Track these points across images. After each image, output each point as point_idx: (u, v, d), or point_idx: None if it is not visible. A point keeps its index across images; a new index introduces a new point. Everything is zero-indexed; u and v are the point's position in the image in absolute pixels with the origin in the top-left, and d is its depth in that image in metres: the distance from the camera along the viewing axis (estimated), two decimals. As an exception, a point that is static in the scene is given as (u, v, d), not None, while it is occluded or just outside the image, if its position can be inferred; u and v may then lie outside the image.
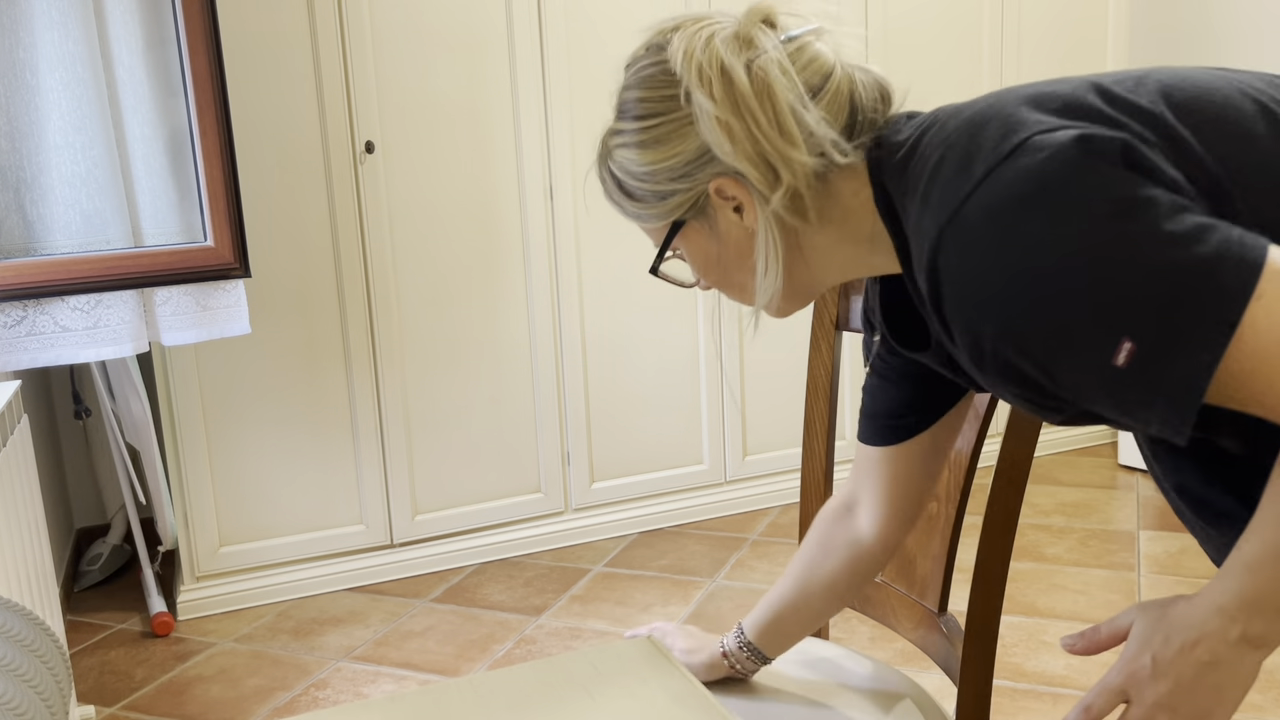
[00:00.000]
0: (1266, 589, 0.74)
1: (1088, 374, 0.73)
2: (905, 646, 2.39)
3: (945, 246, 0.76)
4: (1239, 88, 0.80)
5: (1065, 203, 0.71)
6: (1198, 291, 0.69)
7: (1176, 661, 0.78)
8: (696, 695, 0.96)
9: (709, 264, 0.94)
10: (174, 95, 2.33)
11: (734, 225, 0.90)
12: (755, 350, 3.27)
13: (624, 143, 0.91)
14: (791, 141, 0.84)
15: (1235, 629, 0.76)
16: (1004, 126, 0.77)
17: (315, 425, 2.83)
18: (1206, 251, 0.70)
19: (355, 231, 2.78)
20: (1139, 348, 0.70)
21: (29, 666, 0.92)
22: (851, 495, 1.17)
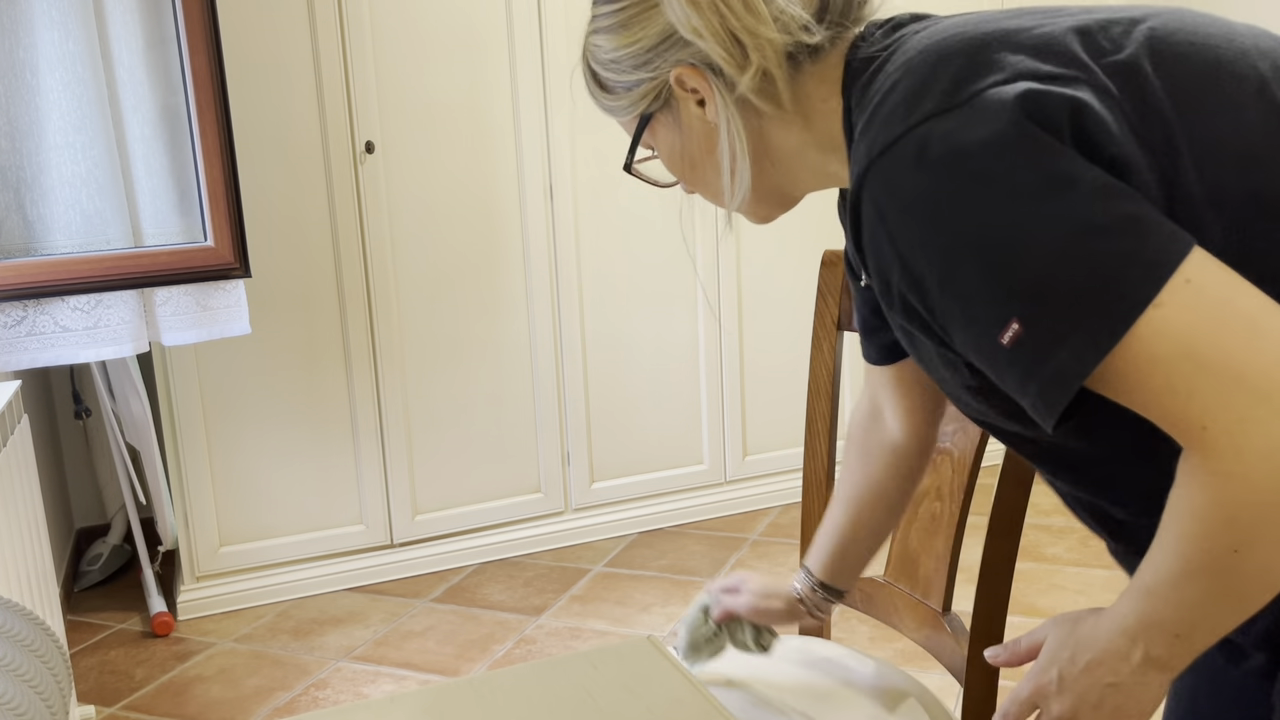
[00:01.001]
0: (1164, 613, 0.73)
1: (976, 342, 0.72)
2: (906, 646, 2.39)
3: (871, 178, 0.75)
4: (1247, 51, 0.76)
5: (994, 169, 0.70)
6: (1096, 290, 0.68)
7: (1081, 679, 0.78)
8: (696, 695, 0.96)
9: (677, 160, 0.92)
10: (174, 95, 2.33)
11: (696, 119, 0.88)
12: (755, 350, 3.27)
13: (596, 28, 0.90)
14: (759, 17, 0.82)
15: (1137, 651, 0.75)
16: (964, 68, 0.74)
17: (315, 425, 2.83)
18: (1118, 248, 0.68)
19: (355, 231, 2.78)
20: (1025, 331, 0.69)
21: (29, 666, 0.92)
22: (874, 403, 1.15)
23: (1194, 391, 0.67)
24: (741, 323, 3.24)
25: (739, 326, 3.24)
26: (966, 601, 2.52)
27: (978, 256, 0.70)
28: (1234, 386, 0.66)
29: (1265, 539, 0.67)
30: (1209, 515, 0.68)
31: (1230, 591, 0.70)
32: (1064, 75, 0.73)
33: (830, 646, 1.37)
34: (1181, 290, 0.67)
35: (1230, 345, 0.66)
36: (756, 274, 3.23)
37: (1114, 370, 0.69)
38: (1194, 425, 0.67)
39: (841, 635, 2.47)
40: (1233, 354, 0.66)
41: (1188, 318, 0.67)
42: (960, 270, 0.71)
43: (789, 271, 3.27)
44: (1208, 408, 0.66)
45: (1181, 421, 0.68)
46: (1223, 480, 0.67)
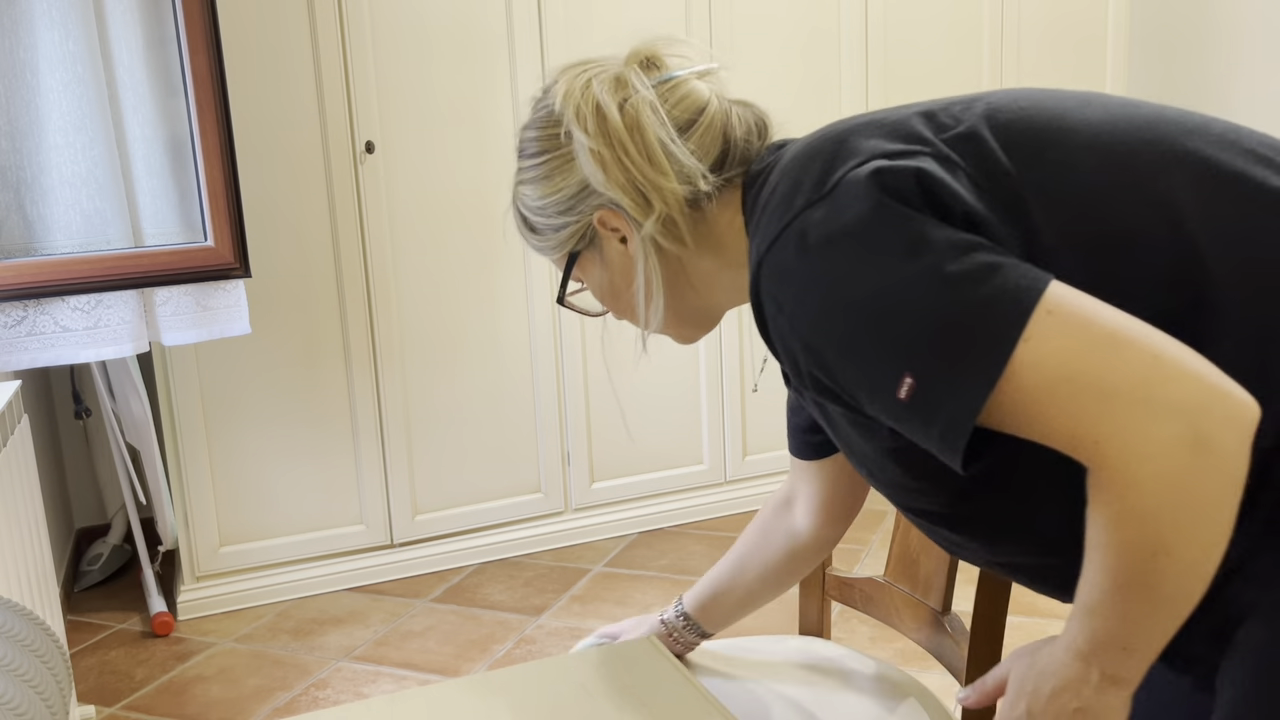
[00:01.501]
0: (1109, 629, 0.76)
1: (881, 402, 0.79)
2: (906, 646, 2.39)
3: (764, 273, 0.83)
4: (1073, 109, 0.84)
5: (862, 246, 0.77)
6: (969, 334, 0.74)
7: (1048, 709, 0.81)
8: (696, 695, 0.96)
9: (604, 291, 1.01)
10: (174, 95, 2.33)
11: (619, 254, 0.97)
12: (755, 350, 3.27)
13: (522, 179, 0.99)
14: (660, 171, 0.91)
15: (1094, 672, 0.78)
16: (829, 159, 0.83)
17: (315, 425, 2.83)
18: (981, 294, 0.74)
19: (355, 231, 2.78)
20: (917, 384, 0.76)
21: (29, 666, 0.92)
22: (790, 491, 1.22)
23: (1079, 411, 0.72)
24: (741, 321, 3.24)
25: (739, 325, 3.24)
26: (966, 602, 2.52)
27: (863, 325, 0.77)
28: (1112, 400, 0.71)
29: (1180, 539, 0.71)
30: (1122, 526, 0.72)
31: (1161, 595, 0.73)
32: (908, 150, 0.81)
33: (830, 646, 1.37)
34: (1045, 321, 0.73)
35: (1099, 363, 0.72)
36: (756, 274, 3.23)
37: (1003, 405, 0.74)
38: (1087, 442, 0.72)
39: (841, 635, 2.47)
40: (1103, 371, 0.71)
41: (1056, 345, 0.73)
42: (852, 340, 0.78)
43: (789, 271, 3.27)
44: (1095, 423, 0.71)
45: (1075, 441, 0.73)
46: (1126, 490, 0.71)
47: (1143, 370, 0.71)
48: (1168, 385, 0.70)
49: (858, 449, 0.92)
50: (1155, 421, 0.70)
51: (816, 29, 3.20)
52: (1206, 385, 0.70)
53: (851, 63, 3.24)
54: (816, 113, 3.23)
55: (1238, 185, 0.80)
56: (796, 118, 3.21)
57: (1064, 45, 3.54)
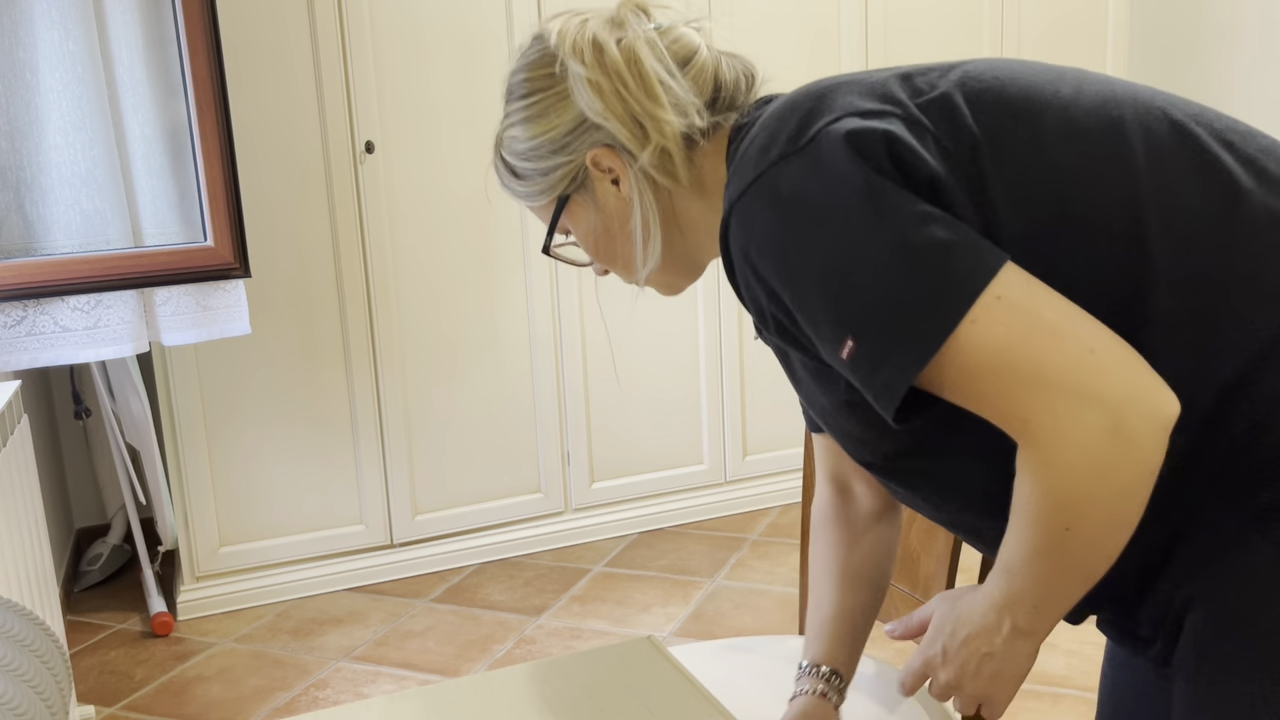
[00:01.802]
0: (1023, 589, 0.82)
1: (828, 354, 0.82)
2: (906, 646, 2.39)
3: (734, 220, 0.85)
4: (1048, 81, 0.85)
5: (828, 206, 0.79)
6: (913, 307, 0.77)
7: (961, 651, 0.88)
8: (696, 695, 0.96)
9: (594, 238, 1.00)
10: (174, 95, 2.33)
11: (612, 196, 0.97)
12: (755, 350, 3.27)
13: (511, 122, 0.98)
14: (657, 102, 0.92)
15: (1005, 623, 0.85)
16: (807, 114, 0.85)
17: (315, 425, 2.83)
18: (933, 269, 0.76)
19: (355, 231, 2.78)
20: (858, 347, 0.79)
21: (29, 666, 0.92)
22: (838, 480, 1.15)
23: (1012, 393, 0.76)
24: (741, 322, 3.24)
25: (739, 326, 3.24)
26: (966, 601, 2.52)
27: (817, 283, 0.80)
28: (1045, 387, 0.75)
29: (1090, 519, 0.77)
30: (1042, 501, 0.77)
31: (1070, 565, 0.80)
32: (880, 111, 0.83)
33: (830, 647, 1.37)
34: (992, 306, 0.76)
35: (1038, 352, 0.75)
36: (756, 274, 3.23)
37: (939, 378, 0.78)
38: (1018, 420, 0.76)
39: (841, 635, 2.46)
40: (1040, 360, 0.75)
41: (999, 330, 0.76)
42: (807, 296, 0.81)
43: (789, 271, 3.27)
44: (1026, 405, 0.76)
45: (1007, 418, 0.77)
46: (1047, 468, 0.76)
47: (1077, 362, 0.74)
48: (1098, 377, 0.74)
49: (816, 399, 0.94)
50: (1081, 410, 0.74)
51: (816, 29, 3.20)
52: (1134, 381, 0.74)
53: (851, 63, 3.24)
54: (816, 113, 3.23)
55: (1188, 154, 0.82)
56: (796, 118, 3.21)
57: (1064, 45, 3.54)
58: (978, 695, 0.89)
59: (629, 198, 0.96)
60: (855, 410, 0.89)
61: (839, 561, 1.14)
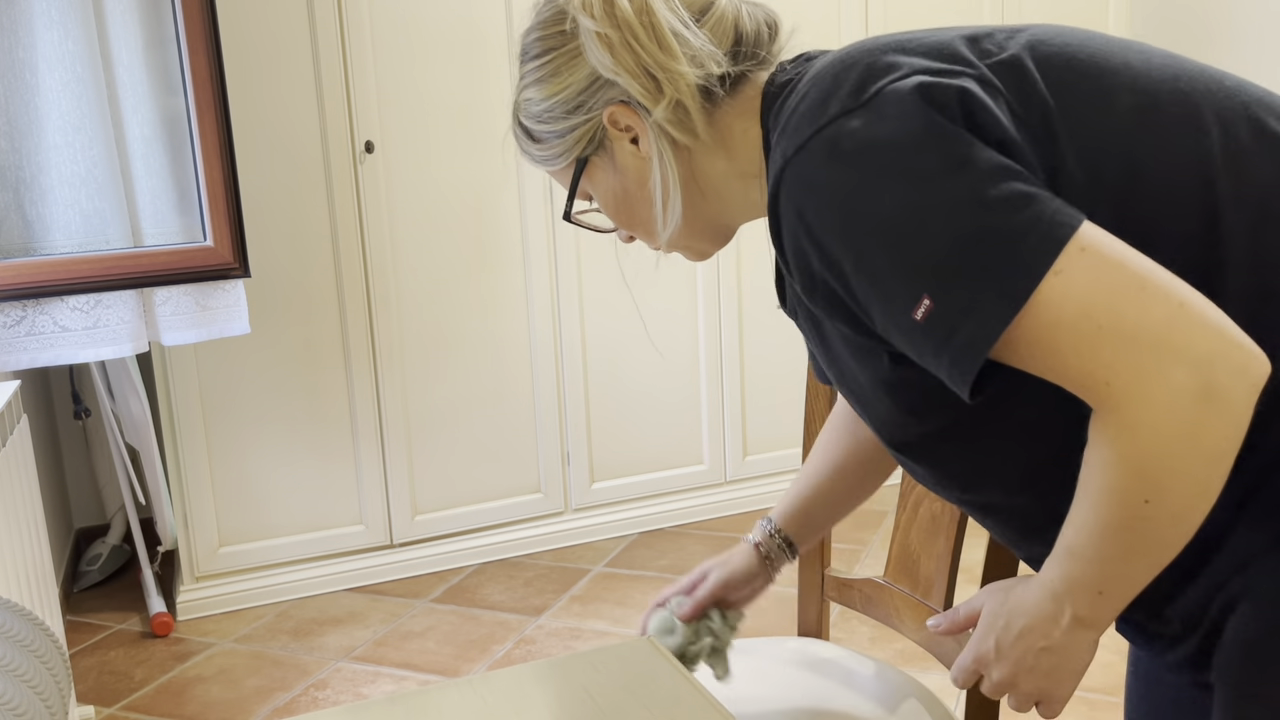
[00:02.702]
0: (1087, 572, 0.78)
1: (892, 319, 0.77)
2: (906, 646, 2.39)
3: (787, 178, 0.81)
4: (1117, 51, 0.83)
5: (899, 158, 0.76)
6: (997, 260, 0.73)
7: (1016, 645, 0.83)
8: (696, 695, 0.96)
9: (614, 201, 0.97)
10: (174, 95, 2.33)
11: (631, 156, 0.93)
12: (755, 350, 3.27)
13: (525, 84, 0.95)
14: (670, 53, 0.88)
15: (1065, 613, 0.80)
16: (866, 70, 0.81)
17: (315, 425, 2.82)
18: (1016, 222, 0.73)
19: (355, 231, 2.78)
20: (935, 306, 0.74)
21: (29, 667, 0.92)
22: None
23: (1096, 351, 0.72)
24: (741, 322, 3.24)
25: (739, 326, 3.23)
26: (966, 602, 2.52)
27: (887, 239, 0.76)
28: (1131, 343, 0.71)
29: (1174, 487, 0.72)
30: (1120, 469, 0.73)
31: (1146, 542, 0.75)
32: (951, 70, 0.80)
33: (830, 648, 1.37)
34: (1077, 258, 0.73)
35: (1124, 306, 0.72)
36: (756, 274, 3.23)
37: (1019, 337, 0.74)
38: (1098, 382, 0.72)
39: (841, 636, 2.46)
40: (1127, 314, 0.71)
41: (1084, 282, 0.72)
42: (873, 254, 0.76)
43: (789, 271, 3.27)
44: (1110, 364, 0.72)
45: (1088, 380, 0.73)
46: (1129, 433, 0.72)
47: (1165, 317, 0.71)
48: (1187, 333, 0.70)
49: (850, 376, 0.91)
50: (1169, 368, 0.70)
51: (816, 29, 3.20)
52: (1224, 337, 0.71)
53: (851, 63, 3.24)
54: (816, 113, 3.23)
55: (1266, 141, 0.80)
56: (796, 118, 3.21)
57: (1064, 45, 3.54)
58: (1034, 692, 0.85)
59: (648, 156, 0.92)
60: (895, 389, 0.86)
61: (832, 444, 1.20)
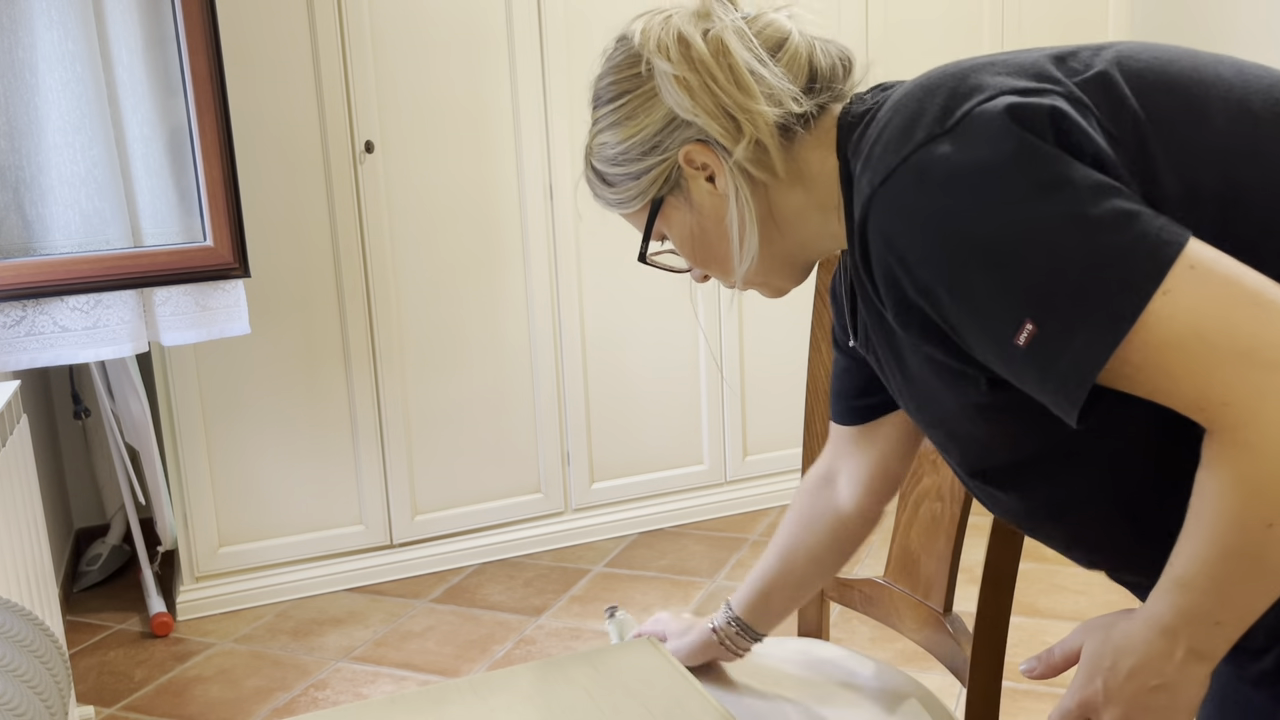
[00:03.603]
0: (1203, 603, 0.74)
1: (992, 346, 0.75)
2: (906, 646, 2.39)
3: (876, 207, 0.79)
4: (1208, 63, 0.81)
5: (993, 181, 0.74)
6: (1102, 281, 0.71)
7: (1125, 687, 0.79)
8: (696, 695, 0.95)
9: (691, 241, 0.96)
10: (174, 95, 2.32)
11: (708, 195, 0.93)
12: (755, 350, 3.27)
13: (600, 128, 0.95)
14: (749, 94, 0.88)
15: (1179, 648, 0.76)
16: (951, 94, 0.79)
17: (315, 425, 2.82)
18: (1120, 241, 0.71)
19: (355, 231, 2.78)
20: (1039, 330, 0.72)
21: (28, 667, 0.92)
22: (830, 468, 1.19)
23: (1210, 370, 0.69)
24: (741, 322, 3.24)
25: (739, 326, 3.23)
26: (967, 602, 2.52)
27: (986, 264, 0.73)
28: (1247, 361, 0.68)
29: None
30: (1240, 492, 0.70)
31: (1265, 568, 0.71)
32: (1040, 89, 0.78)
33: (830, 648, 1.37)
34: (1186, 275, 0.70)
35: (1238, 322, 0.69)
36: (756, 274, 3.23)
37: (1129, 360, 0.71)
38: (1214, 403, 0.70)
39: (841, 636, 2.46)
40: (1241, 330, 0.69)
41: (1194, 300, 0.70)
42: (971, 280, 0.74)
43: (789, 271, 3.27)
44: (1226, 383, 0.69)
45: (1202, 401, 0.70)
46: (1248, 454, 0.69)
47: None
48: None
49: (935, 405, 0.88)
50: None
51: (816, 29, 3.19)
52: None
53: (851, 63, 3.24)
54: (816, 113, 3.23)
55: None
56: (796, 118, 3.20)
57: (1064, 45, 3.53)
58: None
59: (725, 194, 0.91)
60: (989, 416, 0.83)
61: (786, 536, 1.21)
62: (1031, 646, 2.36)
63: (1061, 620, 2.47)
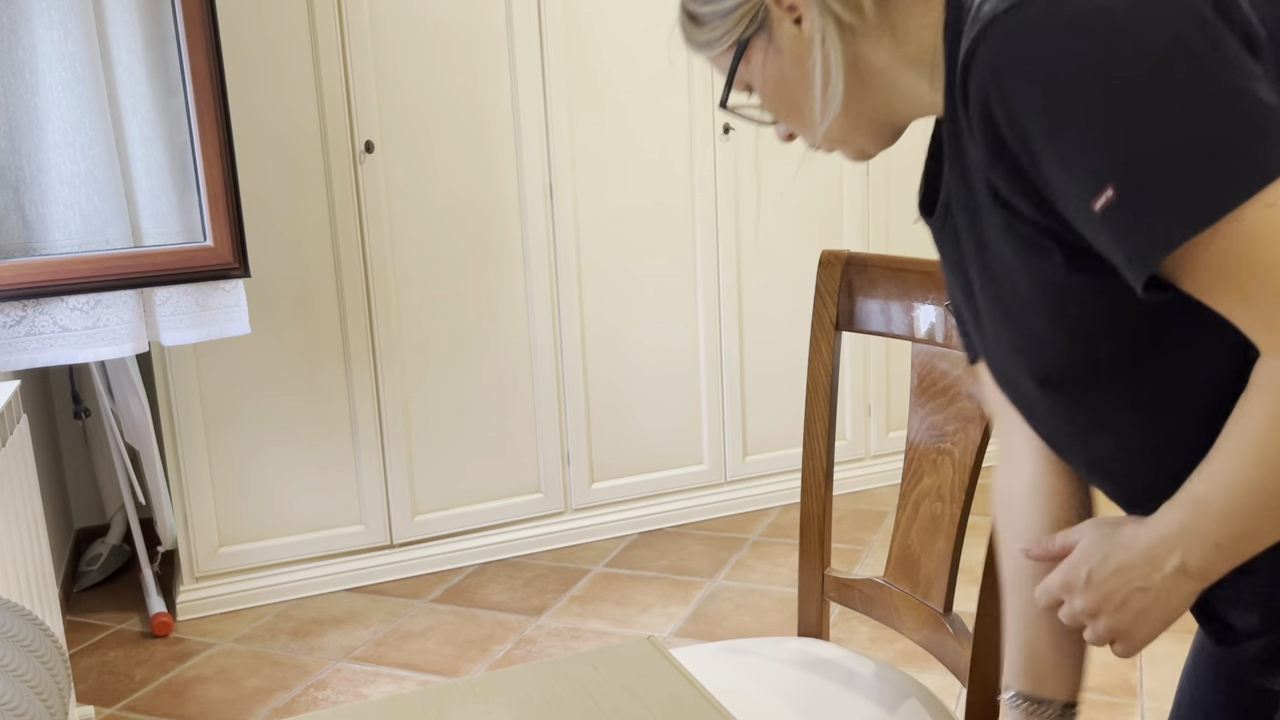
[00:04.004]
0: (1211, 524, 0.74)
1: (1071, 199, 0.72)
2: (906, 647, 2.39)
3: (992, 34, 0.73)
4: None
5: (1131, 30, 0.68)
6: (1202, 170, 0.66)
7: (1110, 580, 0.80)
8: (696, 695, 0.96)
9: (773, 87, 0.92)
10: (174, 95, 2.33)
11: (793, 37, 0.88)
12: (755, 350, 3.27)
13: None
14: None
15: (1173, 559, 0.77)
16: None
17: (315, 425, 2.82)
18: (1239, 133, 0.66)
19: (355, 231, 2.78)
20: (1119, 199, 0.68)
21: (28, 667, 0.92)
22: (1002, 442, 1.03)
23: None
24: (741, 322, 3.24)
25: (739, 326, 3.23)
26: (967, 602, 2.52)
27: (1091, 117, 0.69)
28: None
29: None
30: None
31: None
32: None
33: (830, 648, 1.37)
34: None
35: None
36: (756, 273, 3.23)
37: (1196, 258, 0.68)
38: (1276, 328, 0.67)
39: (841, 636, 2.46)
40: None
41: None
42: (1071, 128, 0.69)
43: (789, 271, 3.27)
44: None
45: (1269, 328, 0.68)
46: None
47: None
48: None
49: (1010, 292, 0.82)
50: None
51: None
52: None
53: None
54: (816, 113, 3.23)
55: None
56: (796, 118, 3.20)
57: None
58: (1115, 628, 0.81)
59: (810, 37, 0.86)
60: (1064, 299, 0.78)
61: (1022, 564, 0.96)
62: (1031, 646, 2.36)
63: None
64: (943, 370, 1.29)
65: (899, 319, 1.33)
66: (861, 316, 1.37)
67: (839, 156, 3.28)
